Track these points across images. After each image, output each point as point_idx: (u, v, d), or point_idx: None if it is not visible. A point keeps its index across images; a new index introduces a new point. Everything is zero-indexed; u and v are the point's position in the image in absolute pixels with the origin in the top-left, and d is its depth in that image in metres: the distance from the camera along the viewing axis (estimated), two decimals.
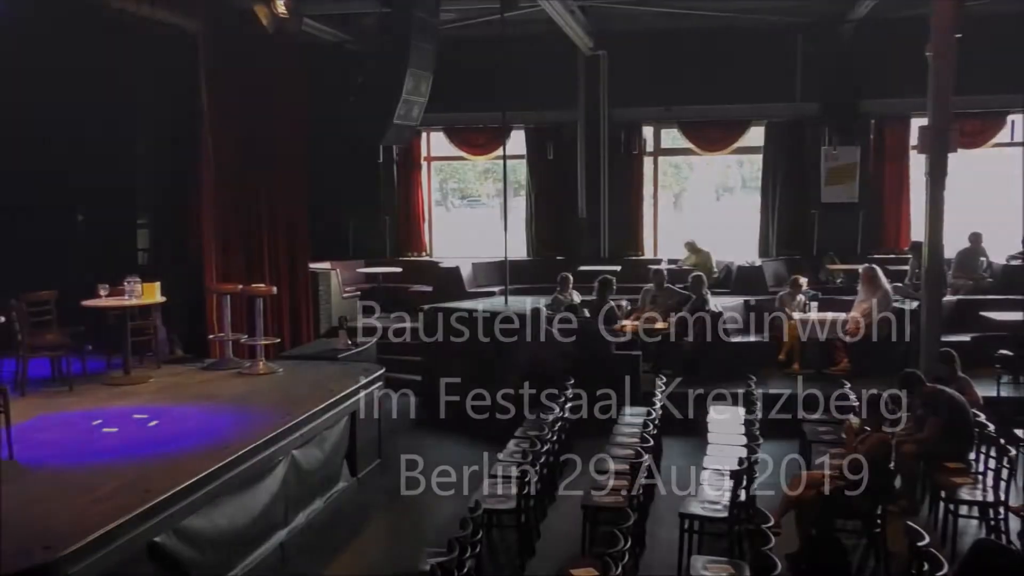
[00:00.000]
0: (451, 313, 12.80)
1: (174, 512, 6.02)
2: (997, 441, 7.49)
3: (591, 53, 15.91)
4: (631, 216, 16.75)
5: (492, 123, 16.36)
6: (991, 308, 12.30)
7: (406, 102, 10.55)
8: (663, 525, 7.78)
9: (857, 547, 7.34)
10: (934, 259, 10.55)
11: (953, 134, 10.34)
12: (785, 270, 15.03)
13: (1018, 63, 14.61)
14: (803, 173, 16.00)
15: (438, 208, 26.26)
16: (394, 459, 10.17)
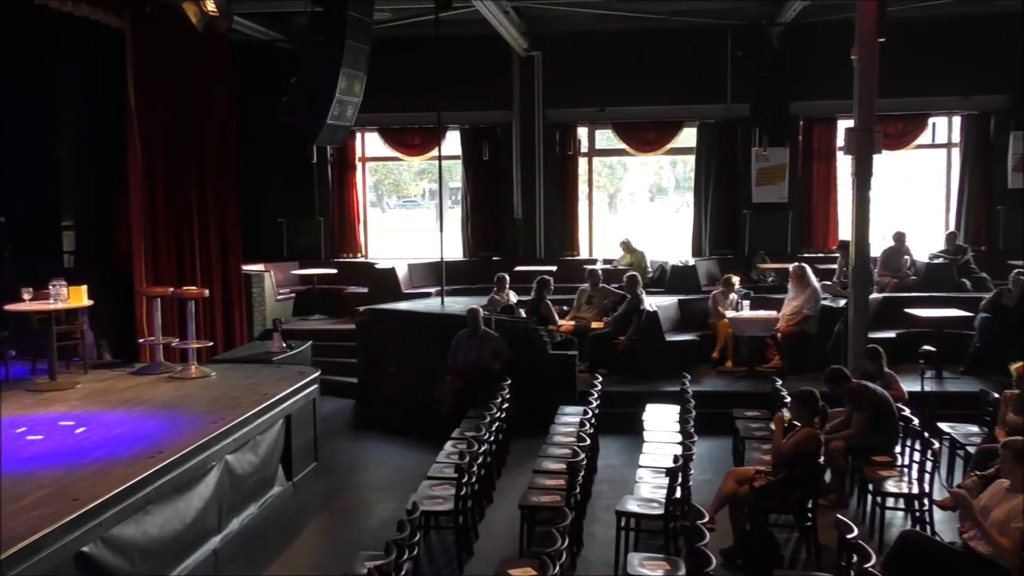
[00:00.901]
0: (387, 315, 12.77)
1: (103, 521, 5.88)
2: (921, 435, 7.69)
3: (526, 54, 15.98)
4: (566, 216, 16.86)
5: (427, 124, 16.34)
6: (915, 305, 12.64)
7: (340, 102, 10.43)
8: (600, 523, 7.85)
9: (789, 540, 7.48)
10: (861, 258, 10.79)
11: (877, 136, 10.59)
12: (718, 269, 15.27)
13: (938, 67, 15.09)
14: (735, 174, 16.28)
15: (373, 209, 26.06)
16: (331, 462, 10.11)
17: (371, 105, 11.89)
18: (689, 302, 13.62)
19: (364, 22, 10.63)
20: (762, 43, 15.47)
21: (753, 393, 10.92)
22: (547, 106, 16.31)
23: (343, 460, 10.43)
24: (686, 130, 16.80)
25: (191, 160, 12.42)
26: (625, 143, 16.92)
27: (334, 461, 10.19)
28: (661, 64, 15.82)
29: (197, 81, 12.41)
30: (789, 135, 15.91)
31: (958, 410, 9.76)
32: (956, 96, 15.62)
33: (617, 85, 16.03)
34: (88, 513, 5.75)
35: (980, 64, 15.22)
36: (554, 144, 16.61)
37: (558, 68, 16.12)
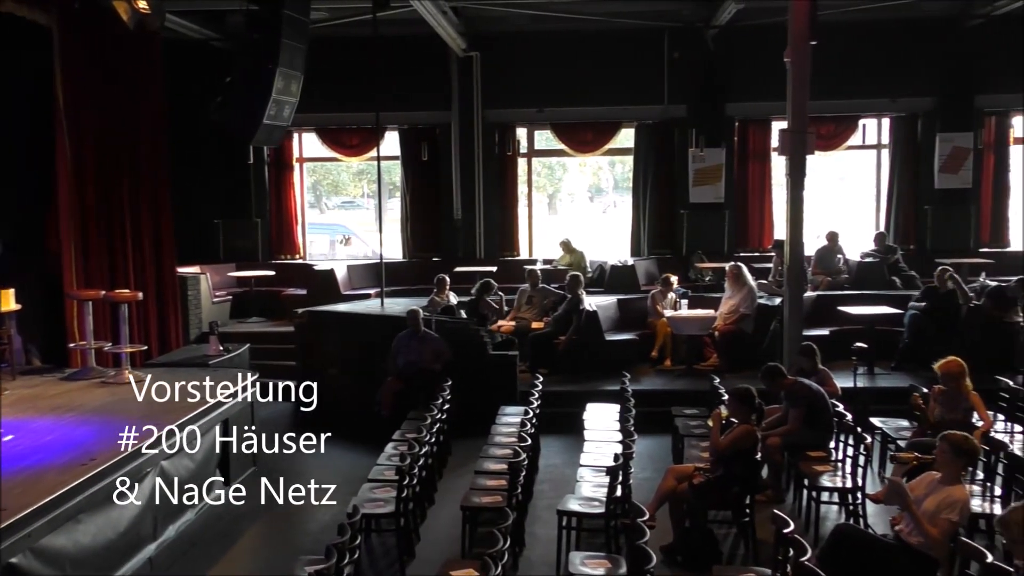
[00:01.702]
0: (326, 316, 12.65)
1: (32, 531, 5.73)
2: (855, 430, 7.86)
3: (464, 54, 15.96)
4: (506, 217, 16.88)
5: (365, 124, 16.23)
6: (847, 303, 12.91)
7: (276, 102, 10.32)
8: (542, 523, 7.87)
9: (728, 536, 7.58)
10: (795, 257, 10.99)
11: (810, 137, 10.79)
12: (656, 269, 15.41)
13: (867, 70, 15.44)
14: (672, 174, 16.45)
15: (312, 210, 25.82)
16: (270, 466, 9.97)
17: (308, 105, 11.81)
18: (628, 302, 13.73)
19: (300, 21, 10.53)
20: (698, 45, 15.67)
21: (691, 391, 11.04)
22: (486, 107, 16.31)
23: (282, 464, 10.28)
24: (624, 131, 16.93)
25: (123, 160, 12.16)
26: (564, 144, 16.99)
27: (273, 465, 10.04)
28: (599, 65, 15.93)
29: (129, 80, 12.16)
30: (725, 136, 16.13)
31: (889, 405, 9.99)
32: (885, 98, 15.99)
33: (556, 86, 16.10)
34: (17, 523, 5.60)
35: (907, 67, 15.62)
36: (493, 144, 16.62)
37: (497, 69, 16.14)
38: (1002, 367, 10.49)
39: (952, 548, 5.64)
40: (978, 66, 15.47)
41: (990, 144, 16.15)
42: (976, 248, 15.83)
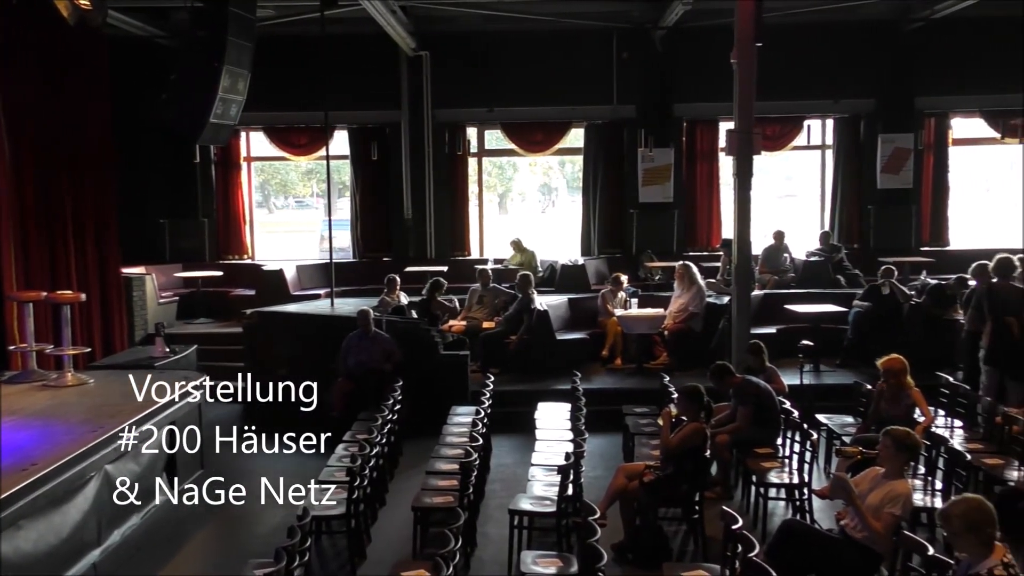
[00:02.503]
0: (276, 317, 12.53)
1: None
2: (801, 426, 7.98)
3: (414, 54, 15.90)
4: (457, 216, 16.85)
5: (314, 123, 16.09)
6: (794, 301, 13.10)
7: (223, 100, 10.19)
8: (494, 523, 7.87)
9: (678, 533, 7.66)
10: (743, 256, 11.11)
11: (756, 137, 10.92)
12: (606, 268, 15.50)
13: (812, 71, 15.69)
14: (622, 174, 16.55)
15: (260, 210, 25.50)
16: (217, 469, 9.83)
17: (256, 104, 11.70)
18: (579, 301, 13.79)
19: (247, 19, 10.42)
20: (646, 46, 15.79)
21: (642, 390, 11.13)
22: (436, 106, 16.27)
23: (231, 466, 10.15)
24: (574, 131, 17.00)
25: (65, 159, 11.92)
26: (514, 143, 17.02)
27: (221, 467, 9.91)
28: (549, 65, 15.97)
29: (71, 78, 11.92)
30: (673, 136, 16.27)
31: (834, 402, 10.16)
32: (828, 100, 16.25)
33: (505, 86, 16.11)
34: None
35: (850, 69, 15.89)
36: (443, 144, 16.58)
37: (447, 68, 16.10)
38: (942, 363, 10.72)
39: (895, 541, 5.75)
40: (918, 68, 15.80)
41: (930, 145, 16.49)
42: (917, 247, 16.17)
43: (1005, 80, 15.51)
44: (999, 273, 9.86)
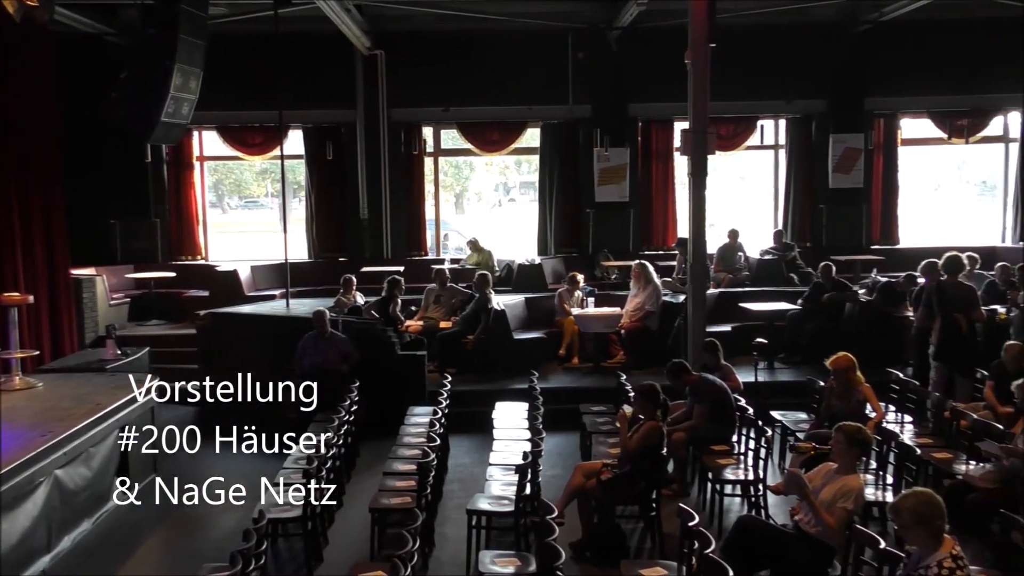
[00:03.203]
0: (230, 318, 12.39)
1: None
2: (756, 423, 8.07)
3: (369, 53, 15.82)
4: (413, 216, 16.80)
5: (268, 122, 15.96)
6: (748, 300, 13.25)
7: (175, 99, 10.06)
8: (452, 523, 7.86)
9: (635, 531, 7.70)
10: (698, 255, 11.21)
11: (711, 137, 11.01)
12: (563, 267, 15.54)
13: (764, 72, 15.87)
14: (578, 173, 16.61)
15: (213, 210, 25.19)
16: (171, 473, 9.70)
17: (209, 103, 11.56)
18: (536, 300, 13.82)
19: (199, 16, 10.31)
20: (601, 46, 15.85)
21: (599, 388, 11.18)
22: (391, 105, 16.20)
23: (185, 469, 10.02)
24: (530, 130, 17.03)
25: (12, 159, 11.68)
26: (470, 143, 17.01)
27: (175, 471, 9.79)
28: (504, 65, 15.97)
29: (17, 76, 11.68)
30: (629, 136, 16.36)
31: (788, 398, 10.29)
32: (781, 100, 16.45)
33: (461, 85, 16.09)
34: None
35: (801, 70, 16.10)
36: (399, 143, 16.52)
37: (402, 67, 16.04)
38: (892, 360, 10.91)
39: (848, 535, 5.83)
40: (867, 70, 16.05)
41: (879, 145, 16.76)
42: (868, 245, 16.43)
43: (951, 81, 15.87)
44: (948, 271, 10.05)
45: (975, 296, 10.12)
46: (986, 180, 33.02)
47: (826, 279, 12.82)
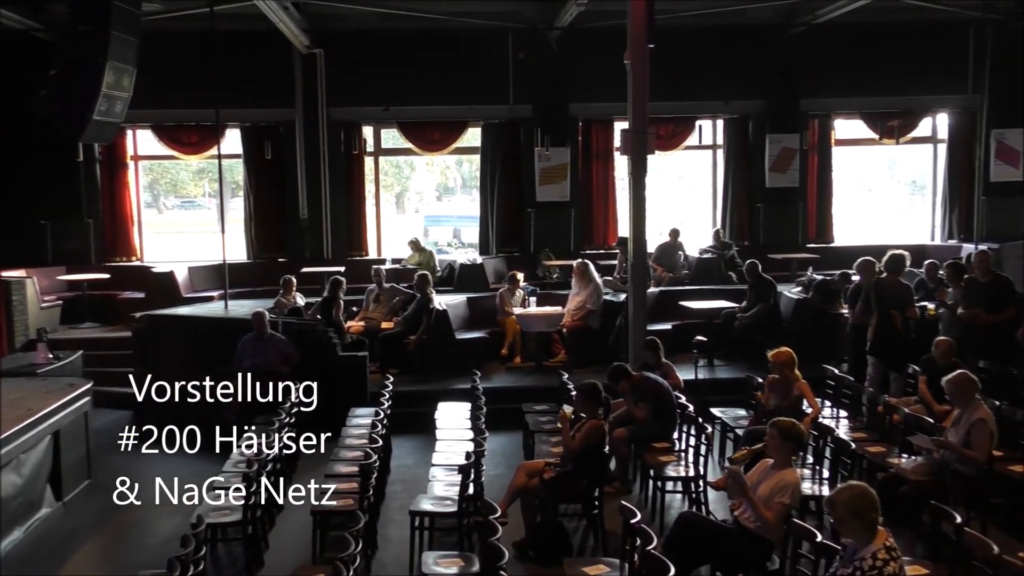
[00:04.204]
0: (167, 320, 12.18)
1: None
2: (696, 420, 8.17)
3: (308, 51, 15.66)
4: (353, 216, 16.68)
5: (205, 121, 15.70)
6: (688, 298, 13.40)
7: (107, 97, 9.84)
8: (394, 524, 7.83)
9: (578, 529, 7.74)
10: (638, 254, 11.30)
11: (650, 137, 11.11)
12: (505, 267, 15.55)
13: (702, 73, 16.06)
14: (519, 173, 16.62)
15: (149, 210, 24.71)
16: (106, 478, 9.50)
17: (143, 101, 11.35)
18: (478, 300, 13.82)
19: (132, 13, 10.10)
20: (541, 46, 15.90)
21: (541, 387, 11.20)
22: (331, 104, 16.06)
23: (120, 475, 9.82)
24: (471, 130, 17.00)
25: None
26: (411, 142, 16.93)
27: (110, 477, 9.57)
28: (445, 64, 15.94)
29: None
30: (569, 136, 16.42)
31: (728, 395, 10.43)
32: (719, 101, 16.66)
33: (401, 84, 16.01)
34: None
35: (738, 71, 16.31)
36: (339, 143, 16.38)
37: (342, 66, 15.91)
38: (828, 356, 11.12)
39: (786, 529, 5.93)
40: (802, 71, 16.33)
41: (814, 145, 17.06)
42: (804, 244, 16.71)
43: (883, 83, 16.22)
44: (890, 268, 10.30)
45: (911, 294, 10.38)
46: (916, 180, 33.83)
47: (751, 276, 13.03)
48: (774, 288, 13.03)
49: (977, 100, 15.86)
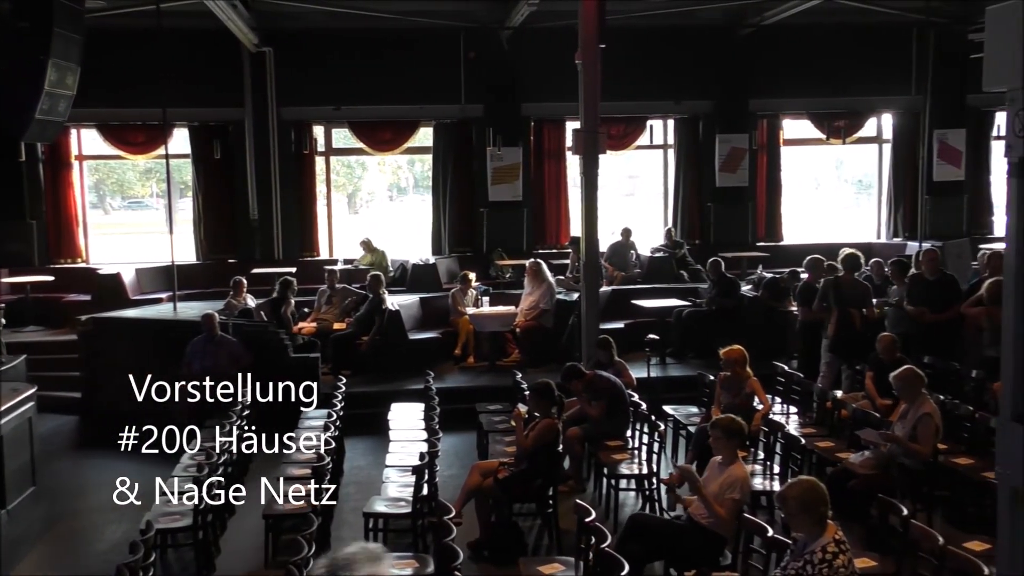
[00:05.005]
0: (114, 323, 11.98)
1: None
2: (649, 418, 8.22)
3: (257, 50, 15.49)
4: (305, 216, 16.54)
5: (152, 120, 15.46)
6: (640, 297, 13.49)
7: (50, 95, 9.64)
8: (348, 526, 7.78)
9: (533, 528, 7.76)
10: (591, 253, 11.35)
11: (602, 137, 11.17)
12: (457, 267, 15.53)
13: (653, 73, 16.18)
14: (471, 173, 16.62)
15: (95, 211, 24.27)
16: (52, 485, 9.33)
17: (88, 100, 11.15)
18: (430, 300, 13.79)
19: (75, 9, 9.91)
20: (493, 46, 15.90)
21: (495, 387, 11.20)
22: (281, 104, 15.90)
23: (66, 482, 9.66)
24: (423, 130, 16.95)
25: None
26: (362, 142, 16.84)
27: (56, 484, 9.42)
28: (396, 64, 15.87)
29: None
30: (521, 135, 16.44)
31: (680, 393, 10.52)
32: (669, 101, 16.79)
33: (353, 84, 15.91)
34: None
35: (689, 72, 16.46)
36: (290, 143, 16.22)
37: (292, 65, 15.76)
38: (778, 353, 11.27)
39: (738, 524, 6.00)
40: (751, 72, 16.53)
41: (763, 145, 17.28)
42: (753, 242, 16.92)
43: (829, 84, 16.47)
44: (847, 267, 10.46)
45: (870, 293, 10.56)
46: (862, 179, 34.43)
47: (714, 274, 13.17)
48: (737, 286, 13.18)
49: (920, 101, 16.17)
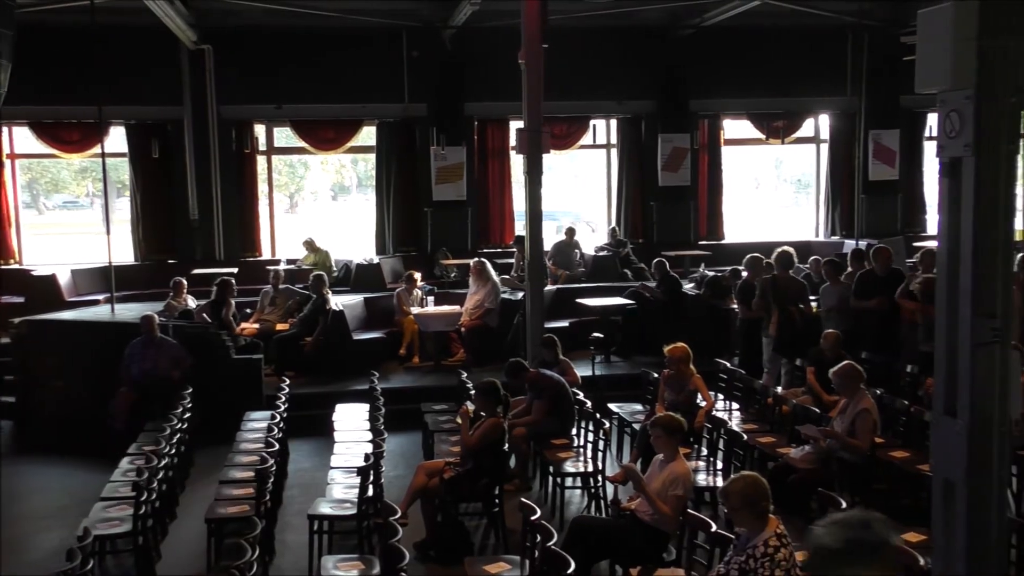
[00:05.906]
0: (49, 325, 11.71)
1: None
2: (594, 416, 8.28)
3: (195, 47, 15.25)
4: (246, 216, 16.35)
5: (87, 118, 15.13)
6: (585, 295, 13.56)
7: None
8: (292, 529, 7.71)
9: (479, 527, 7.76)
10: (535, 252, 11.38)
11: (545, 136, 11.20)
12: (402, 266, 15.47)
13: (596, 73, 16.29)
14: (415, 172, 16.56)
15: (28, 211, 23.71)
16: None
17: (19, 97, 10.87)
18: (375, 300, 13.71)
19: (5, 4, 9.65)
20: (436, 45, 15.87)
21: (440, 387, 11.18)
22: (221, 102, 15.69)
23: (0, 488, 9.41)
24: (366, 129, 16.86)
25: None
26: (305, 141, 16.69)
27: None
28: (338, 62, 15.75)
29: None
30: (465, 135, 16.44)
31: (624, 391, 10.60)
32: (612, 101, 16.91)
33: (294, 82, 15.76)
34: None
35: (631, 72, 16.61)
36: (230, 142, 16.02)
37: (232, 63, 15.56)
38: (720, 350, 11.41)
39: (681, 520, 6.06)
40: (691, 72, 16.71)
41: (704, 145, 17.51)
42: (696, 241, 17.14)
43: (768, 85, 16.74)
44: (781, 265, 10.60)
45: (807, 290, 10.72)
46: (801, 179, 35.06)
47: (659, 273, 13.31)
48: (679, 284, 13.33)
49: (855, 102, 16.51)
